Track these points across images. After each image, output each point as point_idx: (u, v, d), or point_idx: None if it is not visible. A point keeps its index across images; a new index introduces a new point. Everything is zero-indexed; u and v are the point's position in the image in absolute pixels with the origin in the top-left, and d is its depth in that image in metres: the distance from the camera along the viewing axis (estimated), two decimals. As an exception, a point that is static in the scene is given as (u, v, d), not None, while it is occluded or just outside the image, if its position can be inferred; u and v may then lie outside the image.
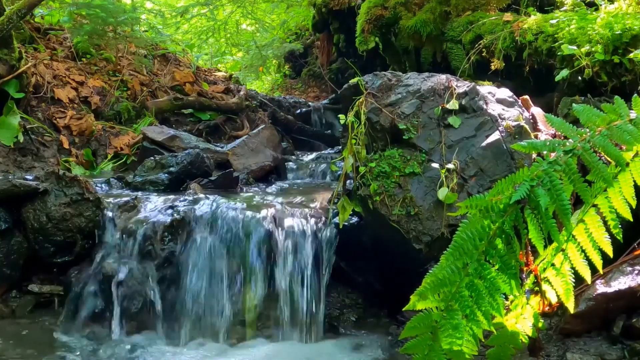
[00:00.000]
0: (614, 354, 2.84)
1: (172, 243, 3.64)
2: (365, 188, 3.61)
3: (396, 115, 3.73)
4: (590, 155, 1.71)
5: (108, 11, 6.08)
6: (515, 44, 4.87)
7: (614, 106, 1.81)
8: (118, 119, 5.85)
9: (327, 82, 9.66)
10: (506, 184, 1.69)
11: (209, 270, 3.60)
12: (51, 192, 3.67)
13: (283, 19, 11.61)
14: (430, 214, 3.50)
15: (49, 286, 3.69)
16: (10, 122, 4.84)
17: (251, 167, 5.00)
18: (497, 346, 1.89)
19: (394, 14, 6.32)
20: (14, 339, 3.37)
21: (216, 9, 11.35)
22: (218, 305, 3.57)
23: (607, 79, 4.07)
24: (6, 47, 4.84)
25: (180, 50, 8.19)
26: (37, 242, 3.64)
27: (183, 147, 4.95)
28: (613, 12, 4.26)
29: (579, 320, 2.96)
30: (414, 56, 6.46)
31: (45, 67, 5.64)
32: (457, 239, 1.69)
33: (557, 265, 1.85)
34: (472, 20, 5.59)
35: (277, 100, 7.53)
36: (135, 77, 6.40)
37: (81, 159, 5.22)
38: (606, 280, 2.94)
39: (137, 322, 3.52)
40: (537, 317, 1.88)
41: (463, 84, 3.87)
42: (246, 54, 11.81)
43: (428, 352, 1.68)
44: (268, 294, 3.62)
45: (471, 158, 3.60)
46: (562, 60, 4.32)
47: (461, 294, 1.65)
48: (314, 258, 3.65)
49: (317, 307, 3.61)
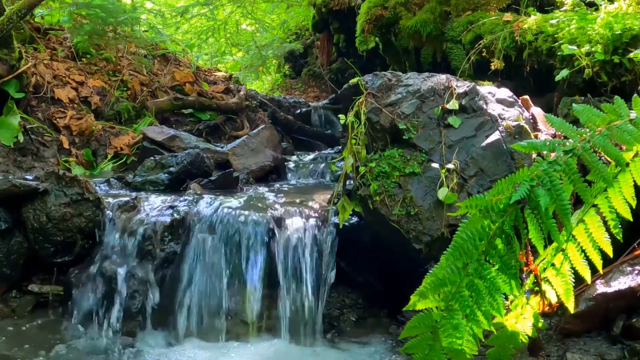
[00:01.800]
0: (614, 354, 2.84)
1: (172, 243, 3.64)
2: (365, 188, 3.61)
3: (396, 115, 3.73)
4: (590, 155, 1.71)
5: (108, 11, 6.08)
6: (515, 44, 4.87)
7: (614, 106, 1.81)
8: (118, 119, 5.85)
9: (327, 82, 9.67)
10: (506, 184, 1.69)
11: (209, 270, 3.60)
12: (51, 192, 3.67)
13: (283, 19, 11.62)
14: (430, 214, 3.50)
15: (49, 286, 3.68)
16: (10, 122, 4.84)
17: (251, 167, 5.00)
18: (497, 346, 1.89)
19: (394, 14, 6.32)
20: (14, 339, 3.37)
21: (216, 9, 11.35)
22: (218, 305, 3.57)
23: (607, 79, 4.07)
24: (6, 47, 4.84)
25: (180, 50, 8.19)
26: (37, 242, 3.64)
27: (183, 147, 4.95)
28: (613, 12, 4.27)
29: (579, 320, 2.96)
30: (414, 56, 6.46)
31: (45, 67, 5.64)
32: (457, 239, 1.69)
33: (557, 265, 1.85)
34: (472, 20, 5.59)
35: (277, 100, 7.52)
36: (135, 77, 6.40)
37: (81, 159, 5.22)
38: (606, 280, 2.94)
39: (137, 322, 3.52)
40: (537, 317, 1.88)
41: (463, 84, 3.87)
42: (246, 54, 11.81)
43: (428, 352, 1.68)
44: (268, 294, 3.63)
45: (471, 158, 3.60)
46: (562, 60, 4.32)
47: (461, 294, 1.65)
48: (314, 258, 3.65)
49: (317, 307, 3.61)
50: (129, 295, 3.52)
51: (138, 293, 3.53)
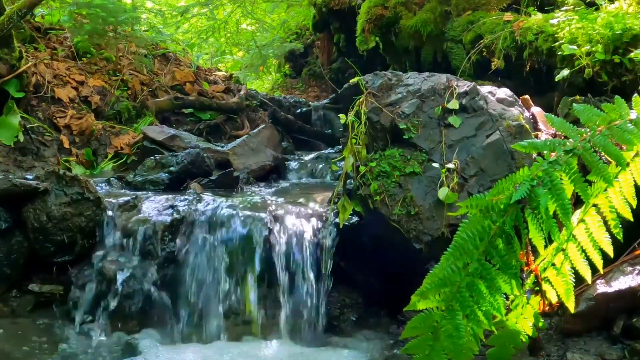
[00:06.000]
0: (614, 354, 2.84)
1: (172, 242, 3.64)
2: (365, 188, 3.61)
3: (396, 115, 3.73)
4: (590, 155, 1.71)
5: (108, 11, 6.08)
6: (516, 44, 4.87)
7: (615, 106, 1.81)
8: (118, 119, 5.85)
9: (327, 81, 9.66)
10: (506, 183, 1.69)
11: (209, 269, 3.60)
12: (51, 191, 3.67)
13: (283, 18, 11.61)
14: (430, 213, 3.50)
15: (49, 286, 3.68)
16: (11, 121, 4.84)
17: (251, 166, 5.00)
18: (497, 346, 1.89)
19: (394, 13, 6.32)
20: (14, 339, 3.37)
21: (216, 8, 11.34)
22: (218, 304, 3.57)
23: (608, 78, 4.07)
24: (6, 46, 4.84)
25: (180, 49, 8.19)
26: (37, 242, 3.63)
27: (183, 146, 4.95)
28: (613, 11, 4.27)
29: (579, 320, 2.96)
30: (414, 56, 6.46)
31: (45, 66, 5.64)
32: (458, 239, 1.70)
33: (557, 265, 1.85)
34: (472, 20, 5.59)
35: (278, 100, 7.52)
36: (135, 76, 6.40)
37: (81, 159, 5.21)
38: (606, 280, 2.94)
39: (137, 321, 3.53)
40: (538, 316, 1.88)
41: (463, 84, 3.87)
42: (246, 53, 11.81)
43: (429, 352, 1.68)
44: (268, 294, 3.63)
45: (471, 158, 3.60)
46: (562, 59, 4.32)
47: (462, 293, 1.65)
48: (314, 258, 3.65)
49: (317, 306, 3.61)
50: (129, 295, 3.52)
51: (138, 293, 3.53)
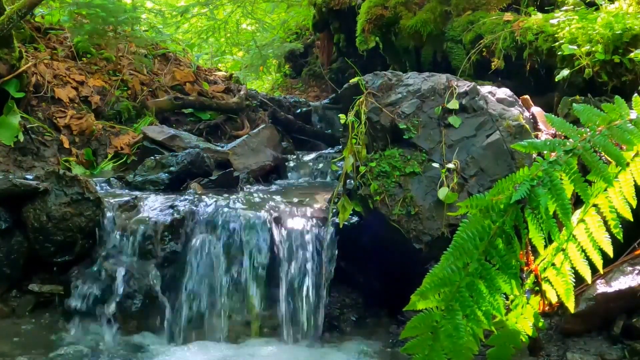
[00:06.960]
0: (614, 354, 2.85)
1: (172, 242, 3.64)
2: (365, 188, 3.61)
3: (396, 115, 3.73)
4: (590, 155, 1.71)
5: (108, 11, 6.08)
6: (516, 44, 4.87)
7: (614, 106, 1.81)
8: (118, 119, 5.85)
9: (327, 81, 9.66)
10: (506, 183, 1.69)
11: (209, 270, 3.60)
12: (51, 191, 3.67)
13: (283, 18, 11.61)
14: (430, 213, 3.50)
15: (49, 286, 3.68)
16: (11, 121, 4.84)
17: (251, 166, 5.00)
18: (497, 346, 1.89)
19: (394, 13, 6.32)
20: (14, 339, 3.37)
21: (216, 8, 11.33)
22: (218, 305, 3.57)
23: (608, 78, 4.07)
24: (6, 46, 4.84)
25: (180, 49, 8.18)
26: (37, 242, 3.63)
27: (183, 146, 4.94)
28: (613, 11, 4.27)
29: (579, 320, 2.96)
30: (414, 56, 6.46)
31: (45, 66, 5.64)
32: (458, 239, 1.70)
33: (557, 265, 1.85)
34: (472, 20, 5.59)
35: (278, 100, 7.51)
36: (135, 76, 6.40)
37: (81, 159, 5.21)
38: (606, 280, 2.94)
39: (137, 322, 3.52)
40: (538, 316, 1.88)
41: (463, 84, 3.87)
42: (246, 53, 11.81)
43: (429, 352, 1.68)
44: (268, 294, 3.62)
45: (471, 158, 3.60)
46: (562, 60, 4.32)
47: (461, 293, 1.65)
48: (314, 258, 3.64)
49: (317, 306, 3.61)
50: (129, 295, 3.52)
51: (138, 292, 3.53)
